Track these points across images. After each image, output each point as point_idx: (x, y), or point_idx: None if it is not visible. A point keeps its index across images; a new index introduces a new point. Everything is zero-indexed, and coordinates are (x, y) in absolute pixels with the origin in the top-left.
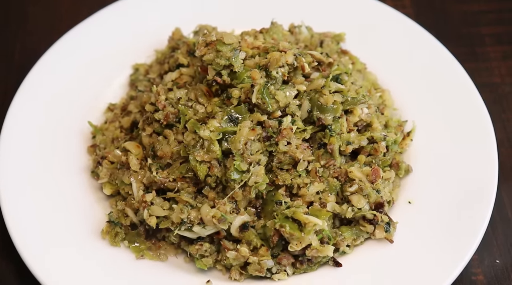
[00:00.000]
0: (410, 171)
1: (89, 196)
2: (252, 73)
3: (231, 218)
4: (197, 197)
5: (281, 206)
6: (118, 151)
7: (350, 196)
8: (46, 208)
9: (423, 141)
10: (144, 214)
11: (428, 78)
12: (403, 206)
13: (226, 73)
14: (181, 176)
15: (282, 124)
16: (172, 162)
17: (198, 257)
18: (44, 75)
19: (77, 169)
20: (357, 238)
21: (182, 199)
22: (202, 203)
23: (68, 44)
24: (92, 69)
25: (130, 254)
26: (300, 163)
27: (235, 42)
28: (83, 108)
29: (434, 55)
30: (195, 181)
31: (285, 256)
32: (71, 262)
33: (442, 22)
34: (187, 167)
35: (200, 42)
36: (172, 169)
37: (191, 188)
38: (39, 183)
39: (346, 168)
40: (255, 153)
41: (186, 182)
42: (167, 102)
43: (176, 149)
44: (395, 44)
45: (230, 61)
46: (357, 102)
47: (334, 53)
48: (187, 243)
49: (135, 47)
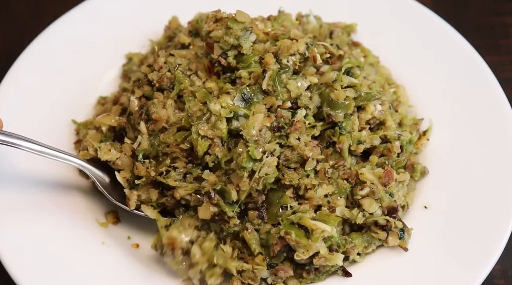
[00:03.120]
0: (426, 173)
1: (78, 195)
2: (266, 57)
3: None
4: (186, 177)
5: (286, 211)
6: (93, 131)
7: (361, 200)
8: (31, 212)
9: (441, 140)
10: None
11: (446, 72)
12: (419, 211)
13: (233, 55)
14: (176, 144)
15: (296, 116)
16: (168, 126)
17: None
18: (29, 67)
19: (64, 167)
20: (368, 246)
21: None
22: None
23: (56, 34)
24: (82, 60)
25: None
26: (308, 161)
27: (247, 21)
28: (71, 103)
29: (453, 48)
30: (189, 155)
31: (283, 268)
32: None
33: (462, 11)
34: (185, 136)
35: (210, 17)
36: (168, 134)
37: (182, 162)
38: (23, 182)
39: (356, 169)
40: (269, 142)
41: (180, 151)
42: (165, 65)
43: (178, 116)
44: (410, 36)
45: (239, 41)
46: (371, 98)
47: (345, 45)
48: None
49: (128, 37)
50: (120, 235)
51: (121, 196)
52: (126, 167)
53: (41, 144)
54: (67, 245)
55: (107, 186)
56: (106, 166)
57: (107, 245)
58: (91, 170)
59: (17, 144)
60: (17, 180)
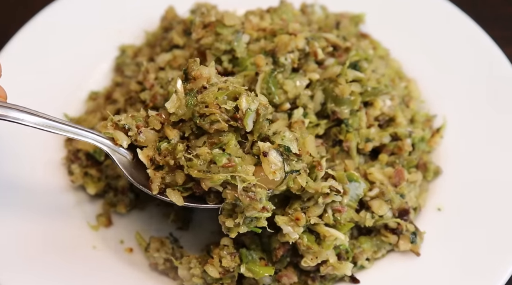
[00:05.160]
0: (439, 173)
1: (68, 196)
2: (257, 59)
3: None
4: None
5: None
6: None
7: (370, 202)
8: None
9: (455, 138)
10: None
11: (461, 66)
12: (432, 213)
13: (227, 59)
14: (216, 103)
15: (292, 117)
16: (208, 86)
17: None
18: (15, 59)
19: (53, 166)
20: (378, 251)
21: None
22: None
23: (44, 24)
24: (71, 52)
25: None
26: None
27: (237, 23)
28: (61, 98)
29: (470, 40)
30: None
31: (286, 274)
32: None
33: (480, 1)
34: (226, 94)
35: (197, 24)
36: (207, 93)
37: (223, 124)
38: (9, 184)
39: (365, 169)
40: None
41: (221, 113)
42: (156, 81)
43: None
44: (423, 27)
45: (231, 45)
46: (379, 93)
47: (352, 37)
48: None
49: (121, 27)
50: (113, 239)
51: (145, 178)
52: (151, 144)
53: (47, 117)
54: (54, 250)
55: (128, 166)
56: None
57: (99, 249)
58: (110, 146)
59: (19, 119)
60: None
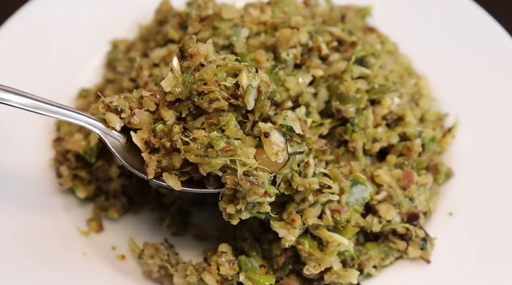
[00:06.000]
0: (451, 175)
1: (57, 199)
2: (257, 54)
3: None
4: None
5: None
6: (79, 134)
7: (377, 206)
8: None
9: (468, 138)
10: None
11: (474, 61)
12: (443, 218)
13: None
14: (215, 80)
15: None
16: (206, 63)
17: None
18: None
19: (40, 168)
20: (385, 258)
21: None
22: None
23: (30, 17)
24: (61, 47)
25: None
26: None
27: (236, 17)
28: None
29: (483, 33)
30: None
31: (288, 282)
32: None
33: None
34: (225, 70)
35: (194, 17)
36: (205, 70)
37: (223, 102)
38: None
39: (372, 171)
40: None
41: (220, 91)
42: (150, 78)
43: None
44: (434, 20)
45: (230, 40)
46: (386, 90)
47: (359, 30)
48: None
49: (113, 20)
50: (104, 245)
51: (140, 162)
52: (145, 126)
53: (35, 98)
54: (42, 258)
55: (121, 150)
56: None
57: (89, 256)
58: (102, 128)
59: (4, 99)
60: None
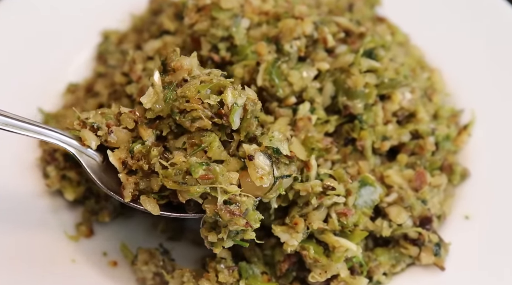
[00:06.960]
0: (467, 176)
1: (43, 202)
2: (258, 46)
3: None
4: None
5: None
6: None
7: (387, 209)
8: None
9: (485, 136)
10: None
11: (491, 54)
12: (458, 222)
13: (225, 47)
14: (198, 97)
15: (297, 113)
16: (190, 78)
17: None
18: None
19: (26, 168)
20: (396, 264)
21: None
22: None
23: (15, 6)
24: (48, 38)
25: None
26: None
27: (236, 6)
28: (35, 90)
29: (501, 23)
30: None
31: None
32: None
33: None
34: (209, 87)
35: (190, 6)
36: (188, 86)
37: (206, 121)
38: None
39: (381, 171)
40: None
41: (203, 109)
42: (144, 73)
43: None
44: (448, 10)
45: (229, 31)
46: (397, 85)
47: (367, 21)
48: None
49: (104, 10)
50: (94, 251)
51: (116, 183)
52: (123, 145)
53: (4, 114)
54: (27, 265)
55: (97, 169)
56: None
57: (78, 263)
58: (76, 146)
59: None
60: None
